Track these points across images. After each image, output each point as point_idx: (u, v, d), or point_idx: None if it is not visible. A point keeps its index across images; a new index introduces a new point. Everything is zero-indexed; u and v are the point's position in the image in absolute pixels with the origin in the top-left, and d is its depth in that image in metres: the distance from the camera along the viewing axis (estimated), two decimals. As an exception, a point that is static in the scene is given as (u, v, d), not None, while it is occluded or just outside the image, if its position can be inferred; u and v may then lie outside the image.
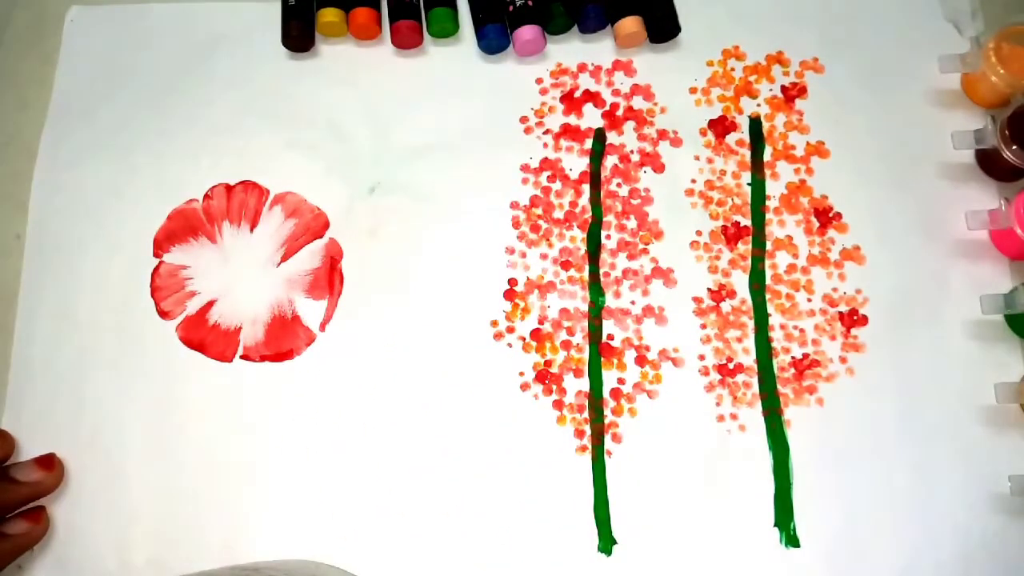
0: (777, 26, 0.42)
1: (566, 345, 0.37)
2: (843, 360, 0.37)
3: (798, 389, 0.36)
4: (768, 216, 0.39)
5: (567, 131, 0.40)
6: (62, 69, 0.41)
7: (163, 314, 0.38)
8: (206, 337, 0.37)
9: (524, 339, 0.37)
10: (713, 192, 0.39)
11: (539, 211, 0.39)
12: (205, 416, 0.36)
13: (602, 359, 0.37)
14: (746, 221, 0.39)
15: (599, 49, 0.42)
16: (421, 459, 0.35)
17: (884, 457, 0.36)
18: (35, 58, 0.42)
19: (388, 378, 0.37)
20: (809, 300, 0.38)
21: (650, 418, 0.36)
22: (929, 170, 0.39)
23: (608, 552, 0.34)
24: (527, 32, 0.40)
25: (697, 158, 0.40)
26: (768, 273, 0.38)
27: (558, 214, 0.39)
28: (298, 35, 0.41)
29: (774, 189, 0.39)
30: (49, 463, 0.35)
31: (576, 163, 0.40)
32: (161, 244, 0.39)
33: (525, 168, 0.40)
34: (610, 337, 0.37)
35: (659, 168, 0.40)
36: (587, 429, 0.36)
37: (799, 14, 0.42)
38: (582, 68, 0.41)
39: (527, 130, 0.40)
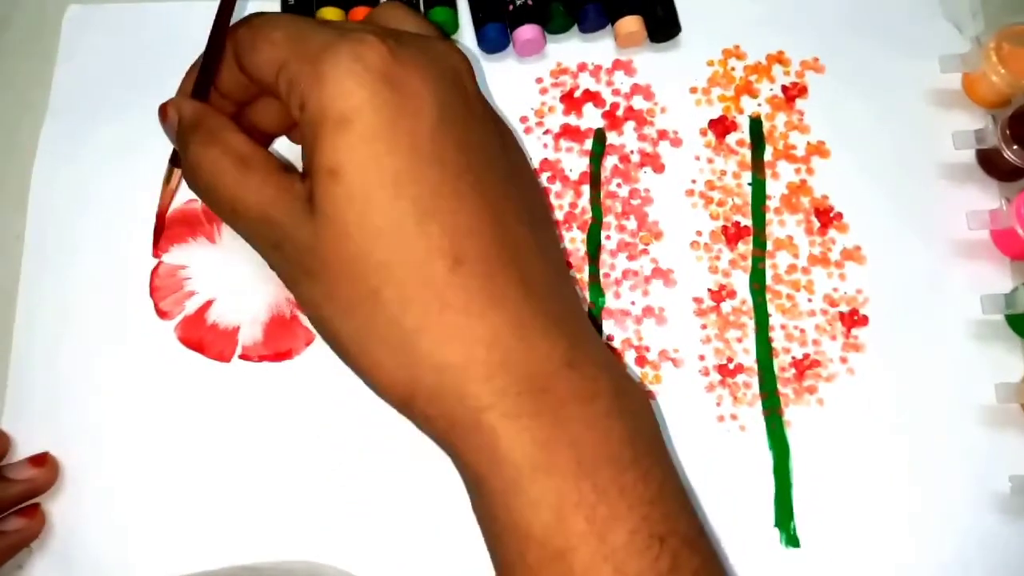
0: (777, 26, 0.42)
1: (566, 345, 0.37)
2: (844, 360, 0.37)
3: (798, 389, 0.36)
4: (768, 216, 0.39)
5: (567, 131, 0.40)
6: (61, 68, 0.41)
7: (162, 314, 0.38)
8: (204, 337, 0.37)
9: (524, 339, 0.37)
10: (713, 192, 0.39)
11: (539, 211, 0.39)
12: (203, 416, 0.36)
13: (602, 359, 0.37)
14: (746, 221, 0.39)
15: (599, 49, 0.41)
16: (422, 459, 0.35)
17: (884, 457, 0.36)
18: (34, 57, 0.42)
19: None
20: (810, 300, 0.38)
21: (650, 418, 0.36)
22: (930, 170, 0.39)
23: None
24: (527, 31, 0.40)
25: (697, 158, 0.40)
26: (768, 273, 0.38)
27: (558, 215, 0.39)
28: (297, 34, 0.40)
29: (774, 189, 0.39)
30: (42, 461, 0.35)
31: (576, 164, 0.40)
32: (160, 244, 0.38)
33: (525, 168, 0.40)
34: (610, 338, 0.37)
35: (659, 168, 0.40)
36: (587, 429, 0.36)
37: (799, 14, 0.42)
38: (582, 68, 0.41)
39: (527, 130, 0.40)
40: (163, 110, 0.31)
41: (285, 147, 0.37)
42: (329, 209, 0.25)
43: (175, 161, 0.35)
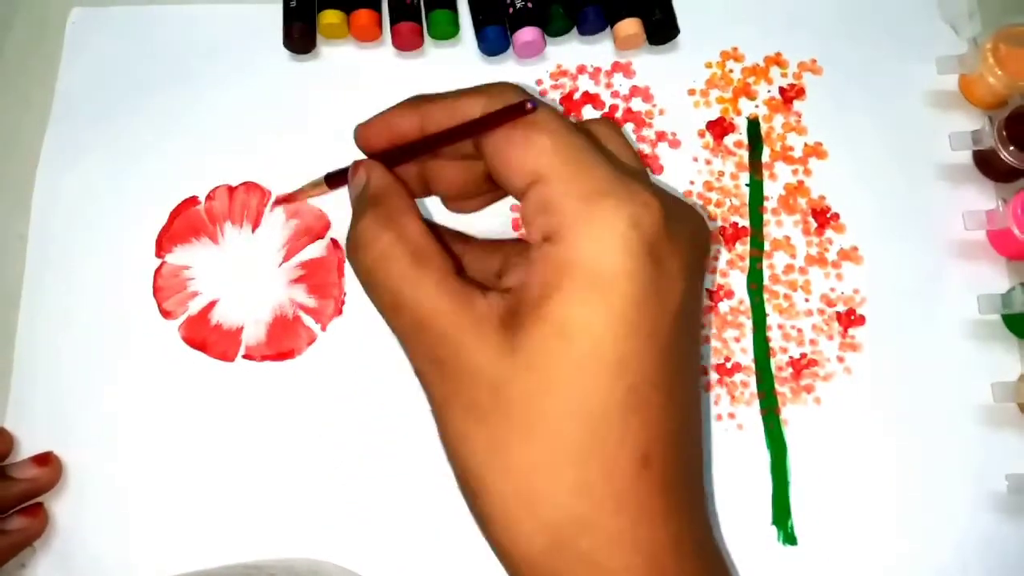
0: (775, 28, 0.42)
1: (565, 345, 0.37)
2: (840, 360, 0.37)
3: (796, 388, 0.37)
4: (766, 217, 0.39)
5: (566, 132, 0.40)
6: (64, 71, 0.42)
7: (165, 314, 0.38)
8: (208, 337, 0.37)
9: (524, 339, 0.37)
10: (711, 193, 0.39)
11: (539, 212, 0.39)
12: (207, 415, 0.37)
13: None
14: (744, 222, 0.39)
15: (598, 51, 0.42)
16: (423, 457, 0.36)
17: (881, 456, 0.36)
18: (37, 60, 0.42)
19: (390, 376, 0.37)
20: (807, 300, 0.38)
21: (649, 417, 0.36)
22: (927, 171, 0.40)
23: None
24: (527, 34, 0.40)
25: (695, 159, 0.40)
26: (766, 273, 0.38)
27: (557, 215, 0.39)
28: (299, 37, 0.41)
29: (772, 190, 0.39)
30: (45, 460, 0.35)
31: (575, 164, 0.40)
32: (163, 244, 0.39)
33: (525, 169, 0.40)
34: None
35: (658, 169, 0.40)
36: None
37: (797, 16, 0.42)
38: (581, 70, 0.41)
39: (527, 131, 0.40)
40: (355, 168, 0.29)
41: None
42: (542, 362, 0.23)
43: (332, 182, 0.32)
